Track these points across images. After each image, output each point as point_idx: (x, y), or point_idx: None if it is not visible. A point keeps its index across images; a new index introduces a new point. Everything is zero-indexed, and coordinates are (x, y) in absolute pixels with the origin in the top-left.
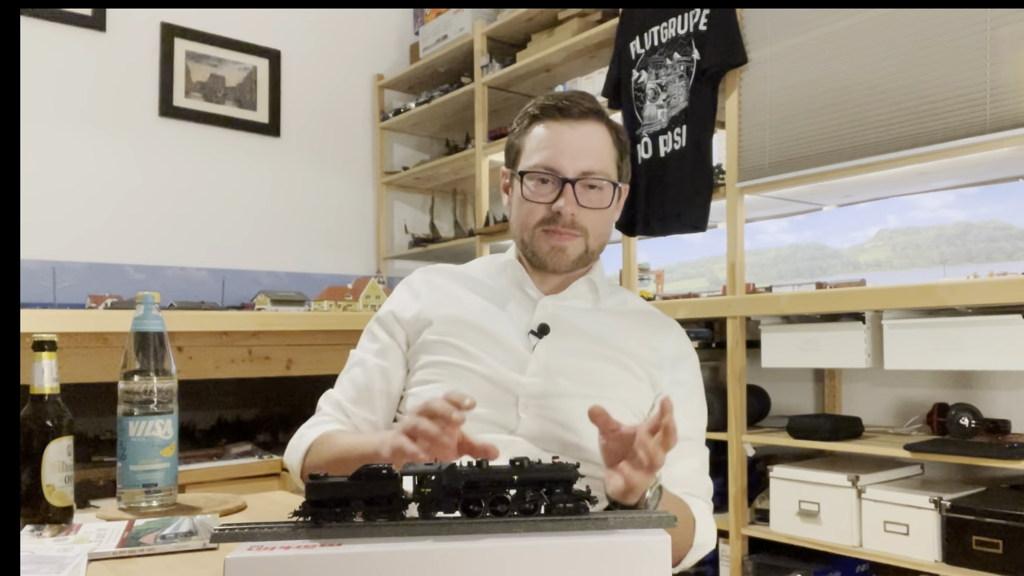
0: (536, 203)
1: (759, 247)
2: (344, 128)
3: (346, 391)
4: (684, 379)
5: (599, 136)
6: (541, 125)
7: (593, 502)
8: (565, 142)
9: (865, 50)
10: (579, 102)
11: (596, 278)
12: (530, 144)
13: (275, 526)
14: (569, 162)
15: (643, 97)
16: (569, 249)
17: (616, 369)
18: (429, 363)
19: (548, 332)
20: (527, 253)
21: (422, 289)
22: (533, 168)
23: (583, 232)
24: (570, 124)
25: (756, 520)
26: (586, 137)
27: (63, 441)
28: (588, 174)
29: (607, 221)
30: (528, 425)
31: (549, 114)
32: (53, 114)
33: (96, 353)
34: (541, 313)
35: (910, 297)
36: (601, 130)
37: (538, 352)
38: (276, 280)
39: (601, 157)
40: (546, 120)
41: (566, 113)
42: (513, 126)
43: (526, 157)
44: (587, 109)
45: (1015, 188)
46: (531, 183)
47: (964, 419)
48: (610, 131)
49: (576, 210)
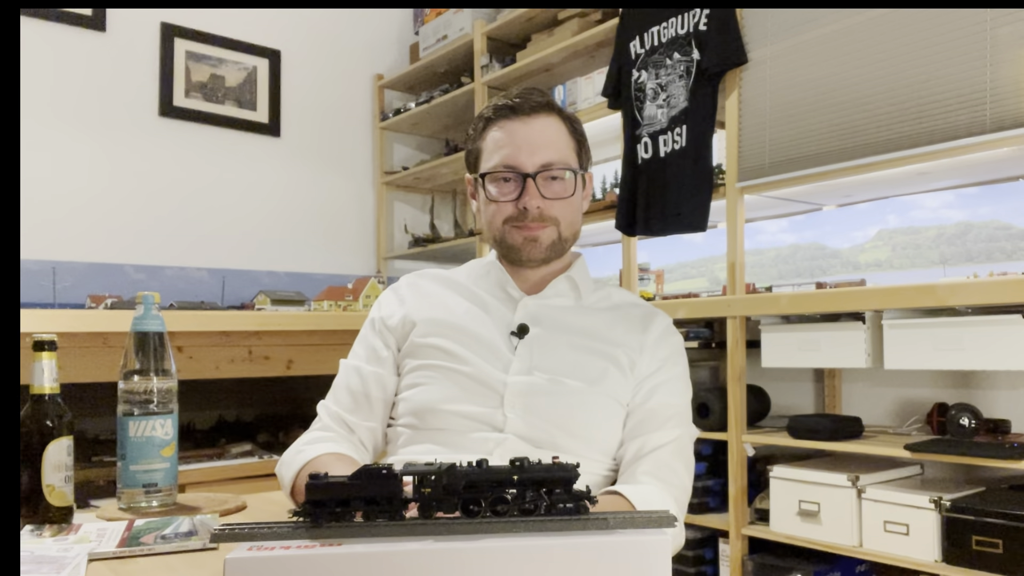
0: (501, 202)
1: (759, 247)
2: (344, 128)
3: (343, 401)
4: (665, 356)
5: (553, 127)
6: (495, 127)
7: (593, 502)
8: (520, 138)
9: (865, 50)
10: (528, 97)
11: (576, 275)
12: (488, 146)
13: (275, 526)
14: (527, 157)
15: (643, 97)
16: (542, 238)
17: (600, 362)
18: (417, 367)
19: (528, 332)
20: (502, 250)
21: (407, 294)
22: (493, 168)
23: (553, 222)
24: (522, 120)
25: (756, 520)
26: (540, 130)
27: (63, 441)
28: (548, 166)
29: (575, 209)
30: (515, 423)
31: (502, 114)
32: (53, 114)
33: (96, 353)
34: (522, 313)
35: (910, 297)
36: (554, 121)
37: (520, 352)
38: (276, 280)
39: (558, 147)
40: (499, 120)
41: (517, 110)
42: (469, 132)
43: (485, 159)
44: (537, 103)
45: (1015, 188)
46: (493, 184)
47: (964, 419)
48: (564, 121)
49: (542, 203)
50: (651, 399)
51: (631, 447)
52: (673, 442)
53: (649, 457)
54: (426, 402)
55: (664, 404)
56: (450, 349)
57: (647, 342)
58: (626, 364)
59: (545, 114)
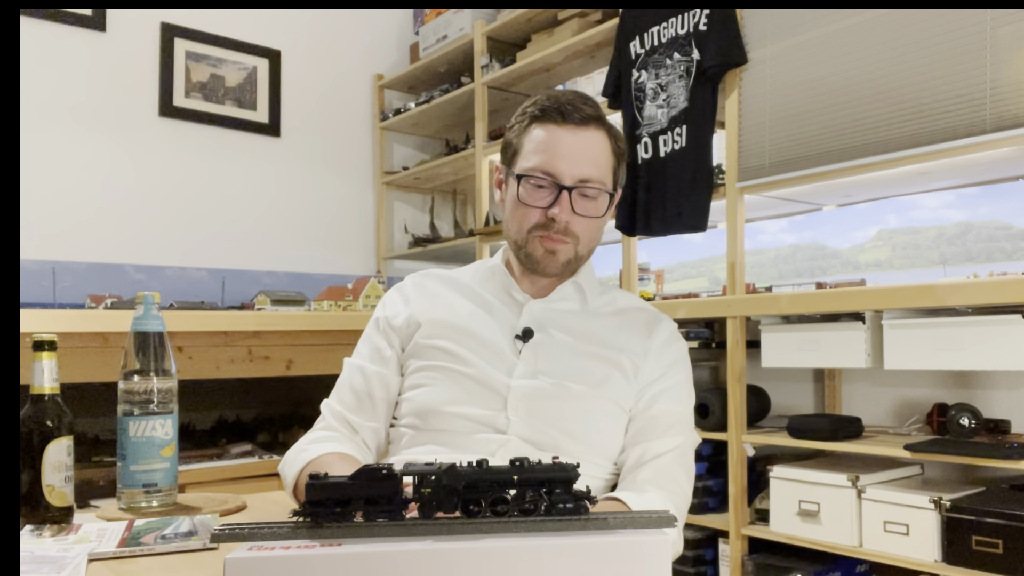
0: (531, 207)
1: (759, 247)
2: (344, 128)
3: (346, 401)
4: (669, 362)
5: (598, 143)
6: (541, 127)
7: (593, 502)
8: (564, 148)
9: (865, 50)
10: (581, 107)
11: (583, 280)
12: (528, 145)
13: (275, 526)
14: (567, 168)
15: (643, 97)
16: (560, 254)
17: (604, 367)
18: (420, 367)
19: (532, 336)
20: (520, 255)
21: (412, 294)
22: (530, 171)
23: (574, 239)
24: (570, 129)
25: (756, 520)
26: (586, 144)
27: (63, 441)
28: (585, 182)
29: (598, 228)
30: (518, 426)
31: (550, 116)
32: (53, 114)
33: (96, 353)
34: (527, 317)
35: (910, 297)
36: (601, 137)
37: (524, 355)
38: (276, 280)
39: (599, 165)
40: (546, 123)
41: (568, 117)
42: (512, 123)
43: (523, 158)
44: (588, 115)
45: (1015, 188)
46: (527, 186)
47: (964, 419)
48: (609, 138)
49: (571, 217)
50: (654, 405)
51: (632, 453)
52: (675, 450)
53: (650, 464)
54: (429, 403)
55: (667, 411)
56: (454, 351)
57: (651, 347)
58: (630, 369)
59: (594, 128)
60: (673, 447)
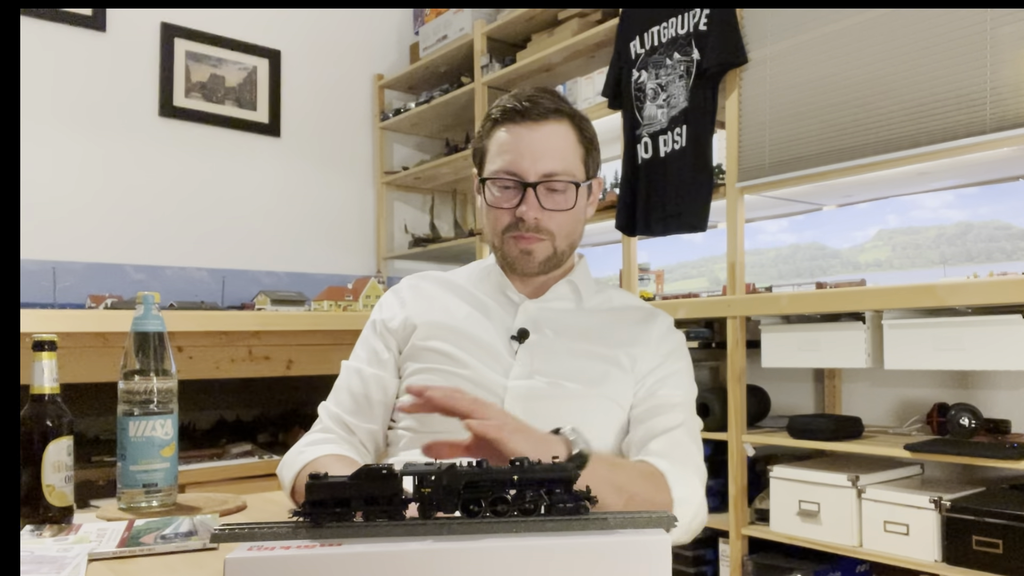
0: (500, 209)
1: (759, 247)
2: (344, 128)
3: (344, 403)
4: (667, 351)
5: (560, 135)
6: (502, 129)
7: (593, 502)
8: (524, 145)
9: (865, 50)
10: (539, 102)
11: (577, 279)
12: (492, 148)
13: (275, 526)
14: (529, 165)
15: (643, 97)
16: (536, 252)
17: (601, 365)
18: (417, 370)
19: (528, 336)
20: (499, 257)
21: (408, 296)
22: (495, 174)
23: (549, 235)
24: (529, 126)
25: (756, 520)
26: (546, 138)
27: (63, 441)
28: (550, 176)
29: (575, 220)
30: None
31: (510, 117)
32: (53, 114)
33: (96, 353)
34: (522, 317)
35: (910, 297)
36: (563, 128)
37: (520, 356)
38: (276, 280)
39: (564, 157)
40: (507, 123)
41: (526, 115)
42: (478, 130)
43: (489, 162)
44: (547, 109)
45: (1015, 188)
46: (494, 189)
47: (964, 419)
48: (574, 127)
49: (539, 213)
50: (657, 392)
51: (639, 431)
52: (683, 425)
53: (662, 437)
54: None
55: (670, 395)
56: (450, 353)
57: (649, 339)
58: (627, 365)
59: (554, 120)
60: (680, 422)
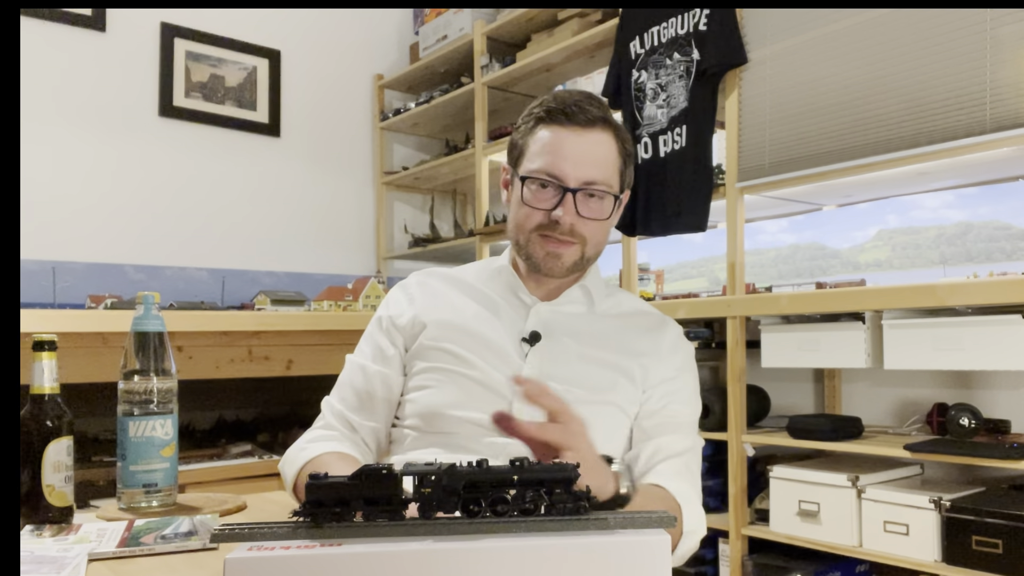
0: (534, 208)
1: (759, 247)
2: (344, 128)
3: (347, 399)
4: (679, 364)
5: (605, 145)
6: (546, 128)
7: (592, 502)
8: (569, 149)
9: (865, 50)
10: (587, 108)
11: (590, 283)
12: (534, 147)
13: (275, 526)
14: (572, 170)
15: (643, 97)
16: (565, 256)
17: (610, 373)
18: (424, 369)
19: (540, 339)
20: (522, 255)
21: (416, 293)
22: (534, 173)
23: (581, 240)
24: (575, 131)
25: (756, 520)
26: (591, 146)
27: (63, 441)
28: (590, 184)
29: (605, 230)
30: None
31: (555, 118)
32: (53, 114)
33: (96, 353)
34: (534, 320)
35: (910, 297)
36: (607, 138)
37: (531, 359)
38: (276, 280)
39: (605, 167)
40: (551, 124)
41: (573, 119)
42: (518, 124)
43: (528, 159)
44: (594, 117)
45: (1015, 188)
46: (531, 187)
47: (964, 419)
48: (616, 139)
49: (575, 219)
50: (667, 406)
51: (647, 447)
52: (691, 450)
53: (675, 460)
54: (432, 406)
55: (679, 412)
56: (459, 353)
57: (660, 349)
58: (638, 375)
59: (600, 129)
60: (690, 447)
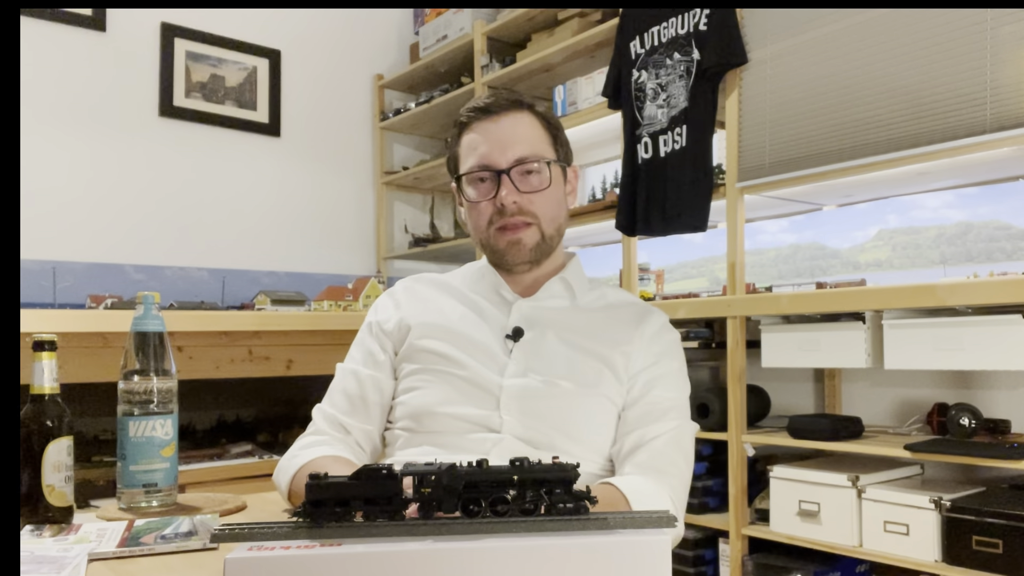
0: (480, 203)
1: (759, 247)
2: (344, 128)
3: (339, 404)
4: (660, 351)
5: (524, 122)
6: (468, 131)
7: (592, 502)
8: (492, 136)
9: (865, 50)
10: (498, 98)
11: (570, 276)
12: (464, 150)
13: (275, 526)
14: (500, 154)
15: (643, 97)
16: (525, 239)
17: (596, 364)
18: (413, 371)
19: (523, 335)
20: (490, 255)
21: (403, 298)
22: (469, 170)
23: (534, 218)
24: (492, 120)
25: (756, 520)
26: (511, 126)
27: (63, 441)
28: (521, 160)
29: (556, 203)
30: (512, 425)
31: (473, 119)
32: (53, 114)
33: (96, 353)
34: (516, 316)
35: (910, 297)
36: (525, 116)
37: (515, 355)
38: (276, 280)
39: (530, 142)
40: (471, 125)
41: (487, 111)
42: (447, 140)
43: (463, 163)
44: (507, 100)
45: (1015, 188)
46: (472, 185)
47: (964, 419)
48: (536, 116)
49: (518, 197)
50: (648, 393)
51: (628, 440)
52: (670, 432)
53: (646, 447)
54: (423, 405)
55: (662, 398)
56: (446, 353)
57: (642, 337)
58: (620, 363)
59: (515, 111)
60: (668, 429)
